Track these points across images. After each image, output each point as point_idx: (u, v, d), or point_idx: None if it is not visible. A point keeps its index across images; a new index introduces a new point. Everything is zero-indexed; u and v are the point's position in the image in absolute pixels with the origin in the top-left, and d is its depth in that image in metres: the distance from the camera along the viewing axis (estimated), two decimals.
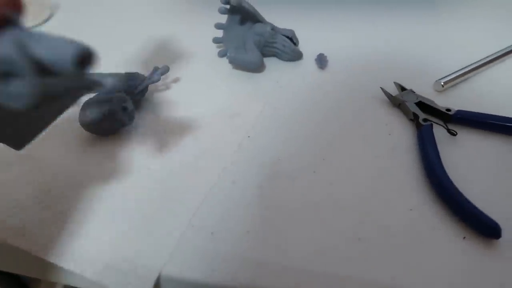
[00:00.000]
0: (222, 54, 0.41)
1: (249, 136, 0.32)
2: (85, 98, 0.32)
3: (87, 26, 0.50)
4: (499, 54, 0.37)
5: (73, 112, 0.34)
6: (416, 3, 0.48)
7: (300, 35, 0.41)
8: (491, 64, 0.37)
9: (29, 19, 0.51)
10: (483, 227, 0.23)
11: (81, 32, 0.49)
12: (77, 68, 0.15)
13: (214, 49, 0.42)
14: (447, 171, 0.27)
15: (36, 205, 0.27)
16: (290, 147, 0.31)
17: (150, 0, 0.55)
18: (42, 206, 0.27)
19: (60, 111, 0.21)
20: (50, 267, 0.24)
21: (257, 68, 0.38)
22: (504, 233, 0.23)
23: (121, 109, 0.30)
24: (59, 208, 0.27)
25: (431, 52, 0.39)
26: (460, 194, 0.25)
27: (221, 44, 0.42)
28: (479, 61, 0.36)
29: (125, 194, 0.28)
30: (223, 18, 0.41)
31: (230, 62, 0.38)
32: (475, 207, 0.24)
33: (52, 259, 0.24)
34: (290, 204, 0.27)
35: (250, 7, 0.38)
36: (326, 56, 0.40)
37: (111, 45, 0.44)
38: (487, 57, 0.37)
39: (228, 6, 0.39)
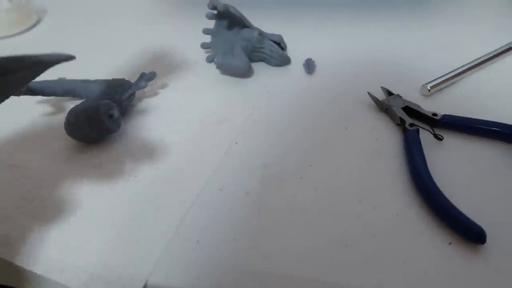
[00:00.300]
0: (210, 60, 0.41)
1: (236, 143, 0.32)
2: (71, 105, 0.32)
3: (74, 32, 0.50)
4: (483, 59, 0.37)
5: (59, 120, 0.34)
6: (403, 8, 0.48)
7: (288, 40, 0.41)
8: (475, 69, 0.37)
9: (15, 25, 0.50)
10: (468, 233, 0.24)
11: (68, 37, 0.49)
12: None
13: (202, 54, 0.42)
14: (433, 176, 0.27)
15: (20, 214, 0.27)
16: (278, 152, 0.31)
17: (137, 6, 0.55)
18: (27, 215, 0.27)
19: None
20: (34, 277, 0.24)
21: (245, 73, 0.38)
22: (489, 238, 0.23)
23: (108, 116, 0.30)
24: (43, 217, 0.26)
25: (418, 57, 0.40)
26: (445, 200, 0.25)
27: (209, 49, 0.42)
28: (464, 65, 0.37)
29: (110, 203, 0.27)
30: (211, 24, 0.41)
31: (218, 67, 0.38)
32: (460, 213, 0.24)
33: (36, 269, 0.24)
34: (278, 210, 0.27)
35: (237, 13, 0.38)
36: (314, 61, 0.40)
37: (98, 51, 0.44)
38: (471, 62, 0.37)
39: (215, 12, 0.39)
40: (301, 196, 0.27)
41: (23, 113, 0.35)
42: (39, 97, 0.36)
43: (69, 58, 0.23)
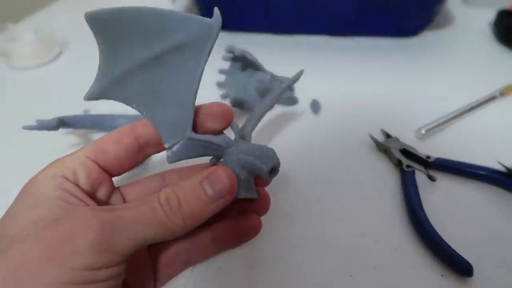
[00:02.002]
0: (225, 96, 0.44)
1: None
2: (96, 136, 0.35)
3: (94, 64, 0.53)
4: (471, 106, 0.42)
5: None
6: (399, 56, 0.53)
7: (296, 82, 0.45)
8: (464, 115, 0.41)
9: (40, 56, 0.54)
10: (457, 266, 0.27)
11: (89, 69, 0.52)
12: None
13: (217, 91, 0.46)
14: (428, 213, 0.30)
15: None
16: (287, 187, 0.34)
17: None
18: None
19: None
20: None
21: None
22: (476, 271, 0.26)
23: None
24: None
25: (413, 101, 0.44)
26: (438, 236, 0.29)
27: (223, 87, 0.46)
28: (454, 112, 0.41)
29: None
30: (225, 64, 0.44)
31: (233, 104, 0.42)
32: (451, 248, 0.28)
33: None
34: (289, 241, 0.30)
35: (251, 57, 0.42)
36: (319, 102, 0.44)
37: None
38: (461, 108, 0.41)
39: (231, 55, 0.43)
40: (310, 230, 0.31)
41: (51, 143, 0.38)
42: (68, 129, 0.39)
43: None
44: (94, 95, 0.22)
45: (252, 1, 0.54)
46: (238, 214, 0.26)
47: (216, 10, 0.20)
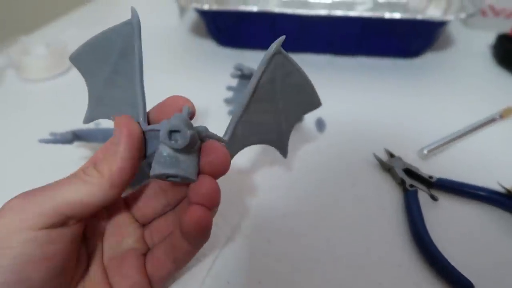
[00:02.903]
0: (232, 112, 0.46)
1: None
2: None
3: None
4: (472, 127, 0.43)
5: None
6: (403, 76, 0.55)
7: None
8: (466, 136, 0.42)
9: (51, 69, 0.55)
10: (459, 285, 0.28)
11: None
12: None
13: (225, 107, 0.47)
14: (430, 232, 0.31)
15: None
16: (294, 205, 0.35)
17: (168, 58, 0.60)
18: None
19: None
20: None
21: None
22: None
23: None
24: None
25: (416, 121, 0.45)
26: (440, 254, 0.29)
27: (230, 104, 0.47)
28: (456, 132, 0.42)
29: None
30: (234, 81, 0.46)
31: None
32: (452, 266, 0.29)
33: None
34: (295, 257, 0.31)
35: None
36: (324, 121, 0.45)
37: None
38: (462, 129, 0.42)
39: (239, 73, 0.44)
40: (315, 246, 0.32)
41: (64, 156, 0.39)
42: (79, 143, 0.40)
43: None
44: (87, 119, 0.26)
45: (259, 21, 0.56)
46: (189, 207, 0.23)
47: (132, 8, 0.23)
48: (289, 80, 0.27)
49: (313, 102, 0.30)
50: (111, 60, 0.24)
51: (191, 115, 0.23)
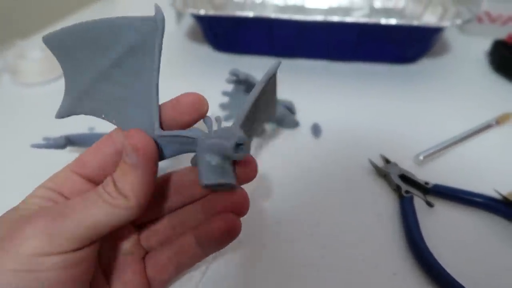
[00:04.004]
0: (227, 118, 0.45)
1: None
2: None
3: None
4: (467, 133, 0.43)
5: None
6: (398, 82, 0.55)
7: (297, 106, 0.46)
8: (461, 142, 0.42)
9: (47, 73, 0.55)
10: None
11: None
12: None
13: (221, 112, 0.47)
14: (426, 239, 0.31)
15: None
16: (289, 210, 0.35)
17: (164, 63, 0.60)
18: None
19: None
20: None
21: (259, 134, 0.43)
22: None
23: None
24: None
25: (412, 127, 0.45)
26: (436, 261, 0.29)
27: (226, 109, 0.47)
28: (451, 139, 0.42)
29: None
30: (229, 87, 0.46)
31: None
32: (448, 274, 0.28)
33: None
34: (290, 263, 0.30)
35: (254, 81, 0.43)
36: (320, 126, 0.45)
37: None
38: (458, 136, 0.42)
39: (235, 78, 0.44)
40: (310, 252, 0.31)
41: (57, 160, 0.39)
42: (72, 148, 0.40)
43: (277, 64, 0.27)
44: (63, 113, 0.23)
45: (255, 26, 0.56)
46: (215, 214, 0.25)
47: (156, 5, 0.21)
48: (270, 93, 0.29)
49: (273, 112, 0.34)
50: (112, 53, 0.21)
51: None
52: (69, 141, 0.37)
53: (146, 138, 0.21)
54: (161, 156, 0.23)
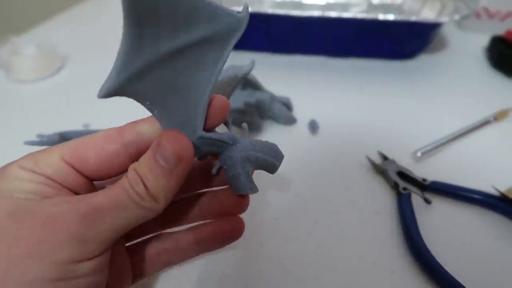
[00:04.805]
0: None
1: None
2: None
3: (96, 77, 0.54)
4: (465, 130, 0.42)
5: None
6: (395, 78, 0.54)
7: (294, 102, 0.46)
8: (459, 139, 0.42)
9: (41, 70, 0.54)
10: None
11: (90, 83, 0.52)
12: None
13: None
14: (424, 236, 0.31)
15: None
16: (287, 207, 0.34)
17: None
18: None
19: None
20: None
21: (256, 131, 0.43)
22: None
23: None
24: None
25: (410, 124, 0.45)
26: (434, 259, 0.29)
27: None
28: (449, 135, 0.42)
29: None
30: None
31: (233, 123, 0.42)
32: (446, 271, 0.28)
33: None
34: (287, 262, 0.30)
35: (252, 78, 0.43)
36: (317, 122, 0.44)
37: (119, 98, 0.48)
38: (456, 132, 0.42)
39: None
40: (307, 251, 0.31)
41: None
42: None
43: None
44: (109, 91, 0.18)
45: (252, 22, 0.55)
46: (220, 215, 0.26)
47: (245, 5, 0.20)
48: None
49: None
50: (182, 35, 0.18)
51: None
52: (63, 138, 0.37)
53: (190, 145, 0.19)
54: (195, 154, 0.22)
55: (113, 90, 0.18)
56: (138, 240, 0.26)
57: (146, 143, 0.21)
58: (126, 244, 0.25)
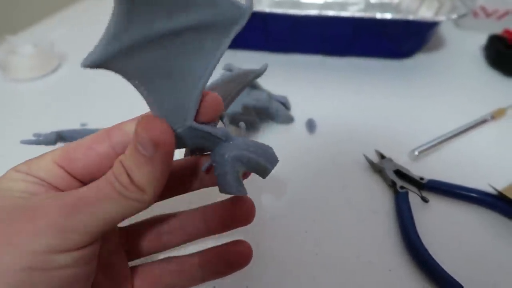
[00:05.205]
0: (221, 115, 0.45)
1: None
2: None
3: (93, 76, 0.54)
4: (462, 129, 0.43)
5: None
6: (392, 77, 0.54)
7: (292, 101, 0.46)
8: (456, 137, 0.42)
9: (38, 69, 0.54)
10: None
11: (87, 81, 0.52)
12: None
13: None
14: (421, 234, 0.31)
15: None
16: (284, 206, 0.34)
17: None
18: None
19: None
20: None
21: (253, 130, 0.43)
22: None
23: None
24: None
25: (407, 123, 0.45)
26: (431, 257, 0.29)
27: None
28: (446, 134, 0.42)
29: None
30: None
31: (229, 122, 0.42)
32: (442, 269, 0.28)
33: None
34: (284, 261, 0.30)
35: None
36: (315, 121, 0.44)
37: (115, 94, 0.48)
38: (453, 131, 0.42)
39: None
40: (305, 250, 0.31)
41: None
42: (63, 144, 0.39)
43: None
44: (95, 62, 0.17)
45: (250, 21, 0.55)
46: (226, 227, 0.26)
47: None
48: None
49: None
50: (183, 17, 0.18)
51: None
52: (60, 137, 0.37)
53: (166, 129, 0.19)
54: (183, 145, 0.22)
55: (99, 61, 0.17)
56: (143, 261, 0.26)
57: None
58: (130, 265, 0.25)
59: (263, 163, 0.23)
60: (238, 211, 0.25)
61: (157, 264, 0.25)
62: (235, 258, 0.25)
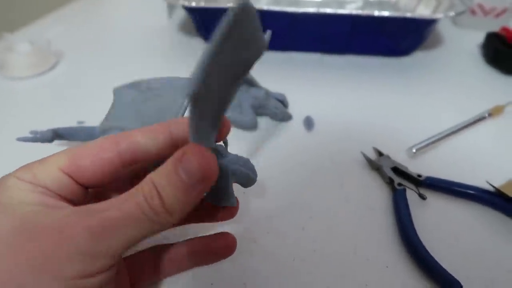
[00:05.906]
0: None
1: (244, 192, 0.35)
2: None
3: (90, 74, 0.53)
4: (460, 126, 0.42)
5: None
6: (391, 75, 0.54)
7: (290, 99, 0.46)
8: (454, 135, 0.42)
9: (35, 67, 0.54)
10: (447, 285, 0.27)
11: (84, 79, 0.52)
12: None
13: None
14: (419, 231, 0.31)
15: None
16: (281, 204, 0.34)
17: (157, 57, 0.59)
18: None
19: None
20: None
21: (252, 128, 0.43)
22: None
23: None
24: None
25: (405, 120, 0.45)
26: (428, 254, 0.29)
27: None
28: (444, 131, 0.42)
29: None
30: None
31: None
32: (441, 267, 0.28)
33: None
34: (281, 258, 0.30)
35: (248, 75, 0.43)
36: (312, 119, 0.44)
37: (112, 92, 0.48)
38: (450, 128, 0.42)
39: None
40: (302, 246, 0.31)
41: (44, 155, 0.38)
42: (60, 141, 0.39)
43: None
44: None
45: None
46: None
47: (268, 32, 0.21)
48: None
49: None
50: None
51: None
52: (56, 135, 0.36)
53: (215, 163, 0.19)
54: None
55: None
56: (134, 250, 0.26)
57: (141, 151, 0.21)
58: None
59: (252, 175, 0.25)
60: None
61: (149, 254, 0.26)
62: (220, 249, 0.27)
